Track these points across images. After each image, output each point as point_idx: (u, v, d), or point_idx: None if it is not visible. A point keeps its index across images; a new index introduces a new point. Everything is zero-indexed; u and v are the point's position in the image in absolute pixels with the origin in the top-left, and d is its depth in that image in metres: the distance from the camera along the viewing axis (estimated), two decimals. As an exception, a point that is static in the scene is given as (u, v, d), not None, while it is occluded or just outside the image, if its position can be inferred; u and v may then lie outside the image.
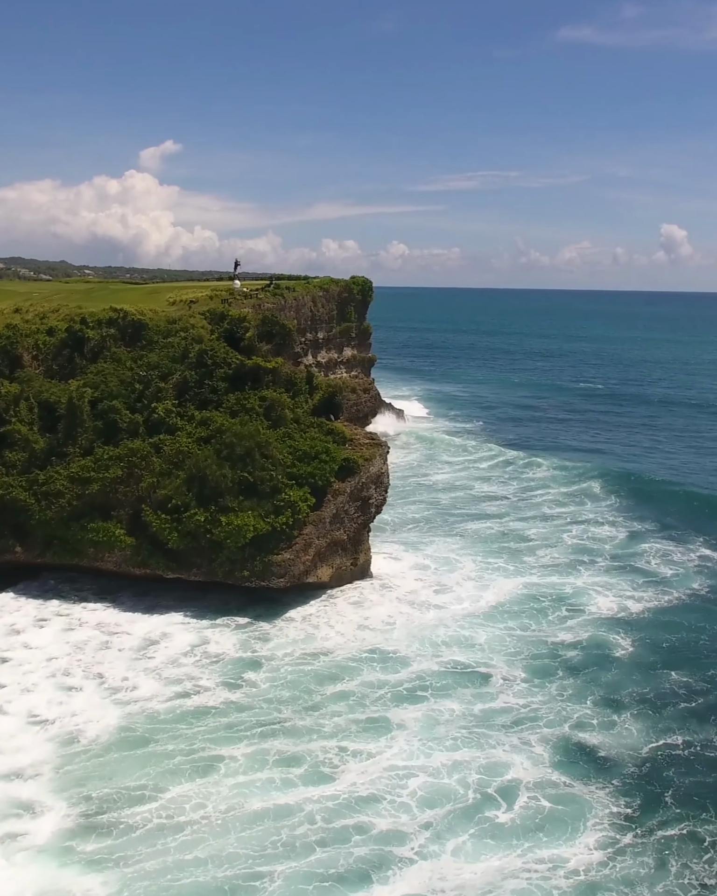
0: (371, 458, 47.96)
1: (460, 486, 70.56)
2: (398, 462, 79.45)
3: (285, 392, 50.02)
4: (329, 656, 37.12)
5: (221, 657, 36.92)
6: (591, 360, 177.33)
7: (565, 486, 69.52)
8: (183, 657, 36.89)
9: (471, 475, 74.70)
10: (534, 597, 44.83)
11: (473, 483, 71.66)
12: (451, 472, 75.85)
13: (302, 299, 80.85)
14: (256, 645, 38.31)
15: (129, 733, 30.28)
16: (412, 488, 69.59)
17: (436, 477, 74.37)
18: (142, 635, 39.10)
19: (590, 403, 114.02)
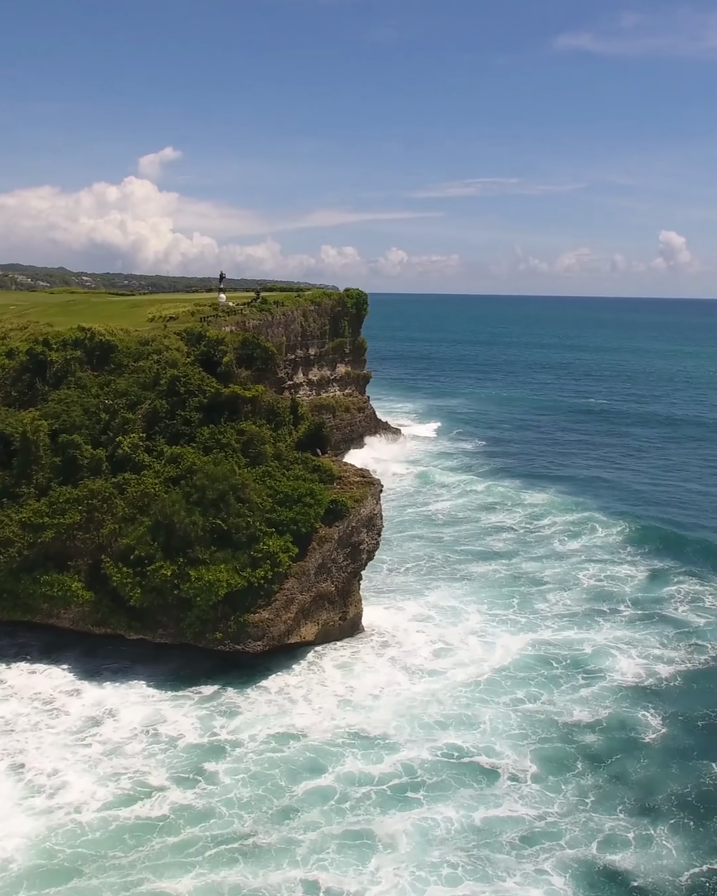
0: (362, 498, 42.78)
1: (462, 517, 65.33)
2: (394, 488, 74.32)
3: (267, 423, 44.89)
4: (304, 740, 31.68)
5: (176, 742, 31.45)
6: (593, 372, 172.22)
7: (571, 516, 64.44)
8: (130, 742, 31.34)
9: (472, 503, 69.47)
10: (546, 659, 39.56)
11: (476, 514, 66.41)
12: (450, 500, 70.60)
13: (291, 314, 75.77)
14: (220, 723, 32.88)
15: (46, 860, 24.25)
16: (410, 520, 64.36)
17: (435, 506, 69.11)
18: (84, 712, 33.48)
19: (594, 423, 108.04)
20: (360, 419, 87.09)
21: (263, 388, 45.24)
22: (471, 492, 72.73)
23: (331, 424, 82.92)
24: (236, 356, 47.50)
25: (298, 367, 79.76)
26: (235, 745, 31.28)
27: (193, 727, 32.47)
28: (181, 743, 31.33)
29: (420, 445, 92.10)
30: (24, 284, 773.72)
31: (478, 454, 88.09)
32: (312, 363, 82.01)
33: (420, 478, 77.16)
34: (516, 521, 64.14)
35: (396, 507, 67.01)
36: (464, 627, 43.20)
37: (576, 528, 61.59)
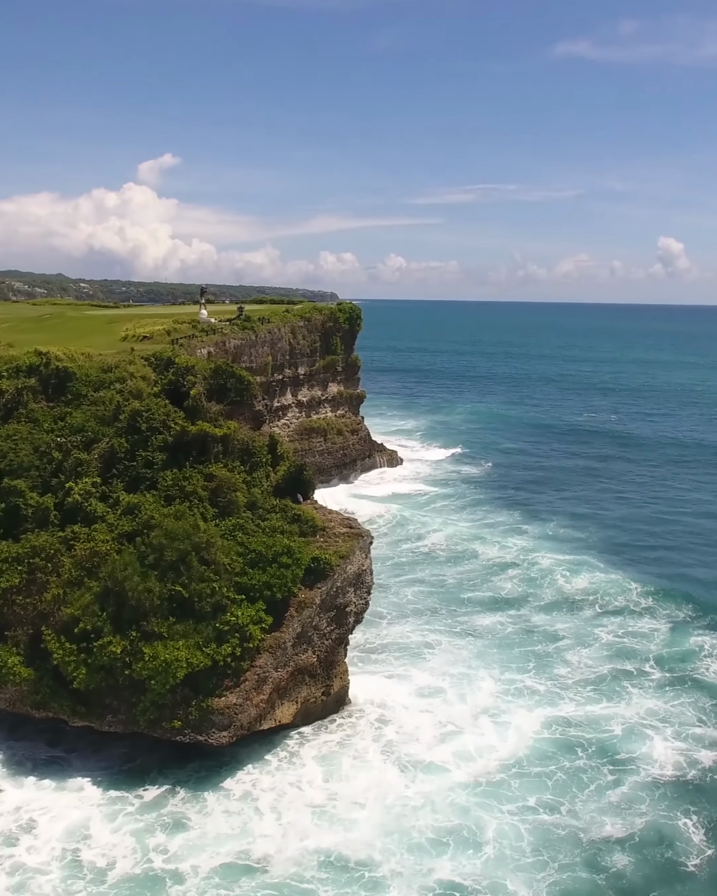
0: (349, 553, 37.10)
1: (460, 553, 59.50)
2: (388, 518, 68.65)
3: (241, 464, 39.22)
4: (261, 877, 25.51)
5: (104, 873, 25.41)
6: (596, 385, 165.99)
7: (573, 557, 58.60)
8: (46, 870, 25.37)
9: (471, 537, 63.56)
10: (568, 745, 33.86)
11: (475, 550, 60.58)
12: (447, 534, 64.68)
13: (278, 332, 70.27)
14: (160, 842, 26.92)
15: None
16: (408, 559, 58.63)
17: (431, 539, 63.23)
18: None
19: (599, 445, 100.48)
20: (353, 442, 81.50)
21: (236, 424, 39.56)
22: (469, 524, 67.02)
23: (321, 448, 77.54)
24: (208, 387, 41.88)
25: (287, 388, 74.29)
26: (175, 877, 25.40)
27: (127, 848, 26.63)
28: (110, 875, 25.47)
29: (418, 469, 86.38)
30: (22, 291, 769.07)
31: (477, 481, 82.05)
32: (301, 383, 76.53)
33: (415, 508, 71.45)
34: (519, 560, 58.27)
35: (389, 543, 61.39)
36: (474, 702, 37.45)
37: (579, 569, 55.90)
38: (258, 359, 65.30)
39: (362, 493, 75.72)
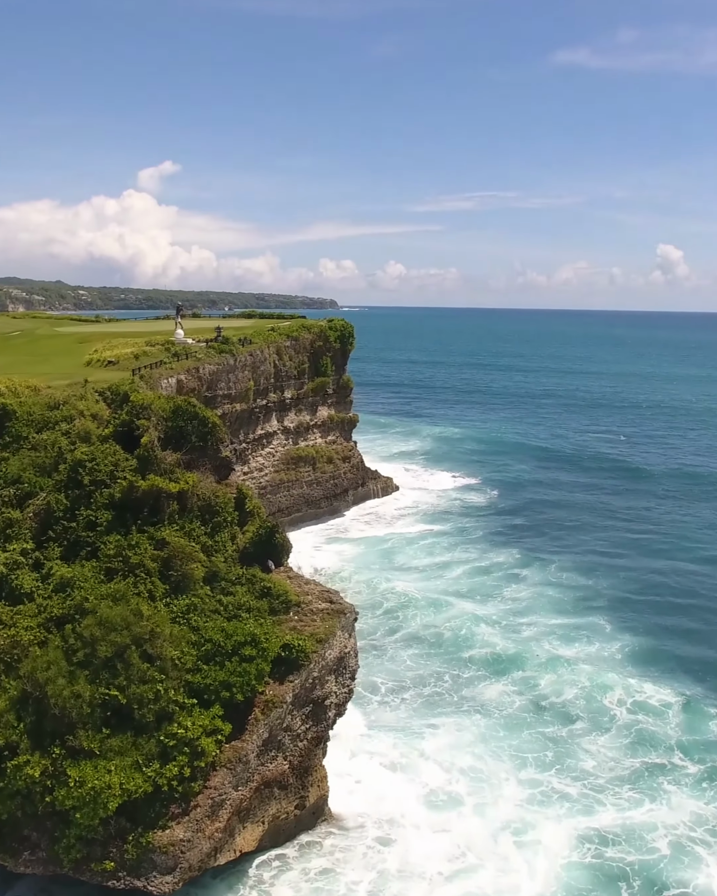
0: (328, 635, 30.93)
1: (453, 605, 52.50)
2: (386, 560, 62.60)
3: (202, 525, 33.07)
4: None
5: None
6: (602, 402, 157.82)
7: (573, 615, 52.56)
8: None
9: (468, 585, 57.28)
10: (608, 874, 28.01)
11: (471, 599, 54.48)
12: (444, 579, 58.50)
13: (261, 353, 64.14)
14: None
15: None
16: (402, 613, 52.40)
17: (428, 584, 57.08)
18: None
19: (607, 473, 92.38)
20: (345, 470, 75.34)
21: (195, 477, 33.37)
22: (465, 569, 60.55)
23: (310, 478, 71.45)
24: (165, 430, 35.70)
25: (272, 414, 68.14)
26: None
27: None
28: None
29: (417, 498, 79.92)
30: (19, 299, 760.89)
31: (478, 513, 75.47)
32: (287, 408, 70.38)
33: (409, 548, 65.05)
34: (514, 621, 52.05)
35: (383, 594, 55.16)
36: (495, 816, 31.37)
37: (578, 634, 49.68)
38: (238, 384, 59.19)
39: (346, 534, 69.17)
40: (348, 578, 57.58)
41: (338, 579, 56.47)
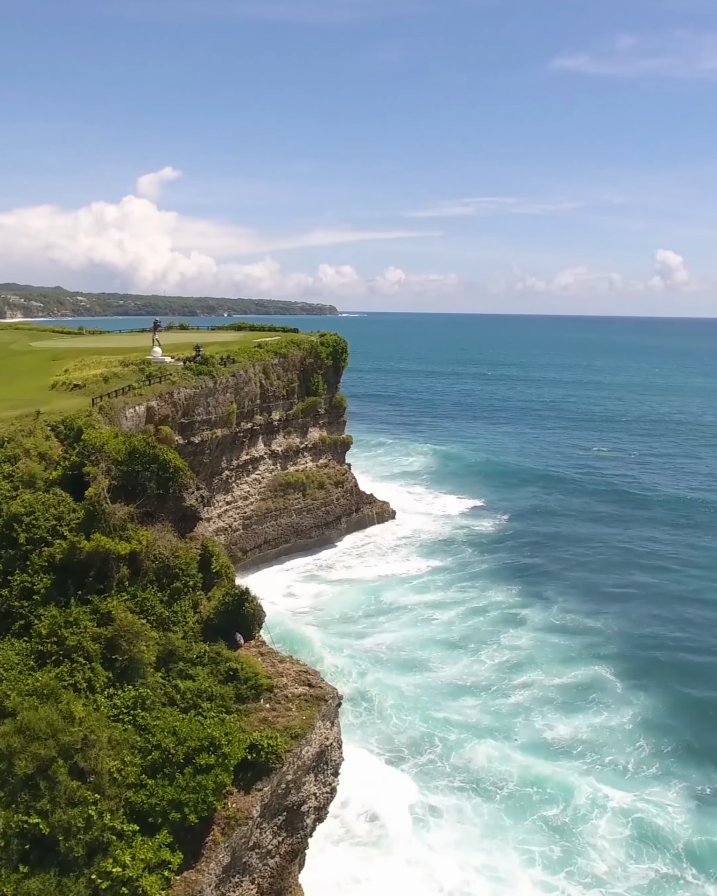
0: (306, 729, 25.87)
1: (437, 679, 46.24)
2: (371, 601, 57.34)
3: (158, 591, 28.06)
4: None
5: None
6: (605, 413, 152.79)
7: (580, 667, 47.56)
8: None
9: (468, 632, 52.17)
10: None
11: (469, 651, 49.48)
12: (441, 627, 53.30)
13: (245, 374, 59.16)
14: None
15: None
16: (396, 660, 47.40)
17: (409, 636, 51.50)
18: None
19: (617, 497, 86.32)
20: (338, 496, 70.32)
21: (150, 535, 28.35)
22: (460, 611, 55.45)
23: (300, 506, 66.42)
24: (120, 476, 30.66)
25: (258, 438, 63.19)
26: None
27: None
28: None
29: (417, 526, 74.65)
30: (17, 305, 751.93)
31: (479, 544, 70.19)
32: (275, 430, 65.43)
33: (399, 588, 59.63)
34: (506, 669, 47.20)
35: (374, 647, 50.01)
36: None
37: (582, 691, 44.86)
38: (218, 408, 54.22)
39: (329, 571, 63.53)
40: (316, 625, 52.48)
41: (296, 630, 51.17)
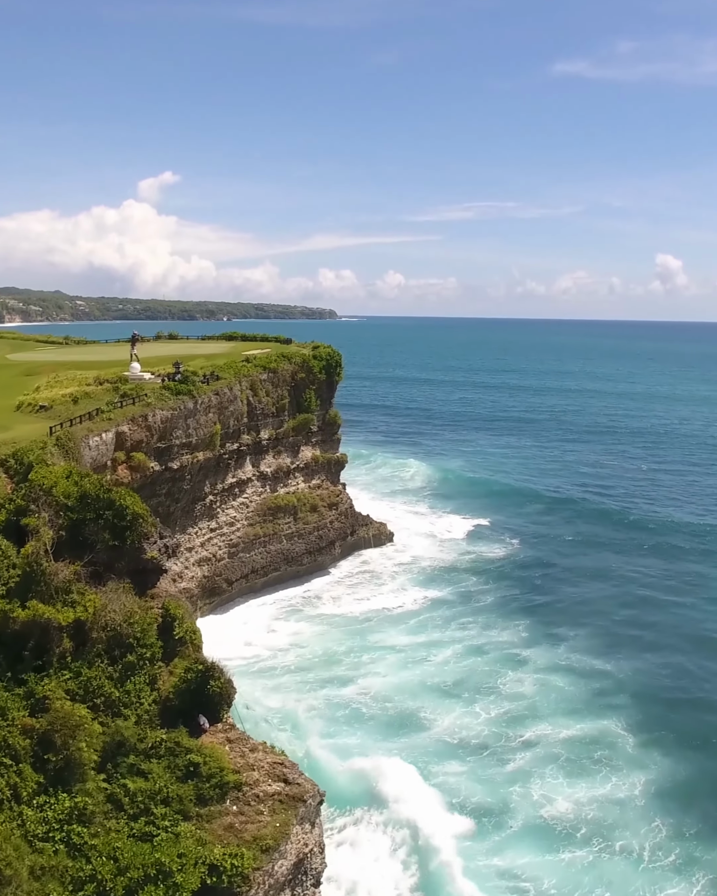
0: (280, 839, 21.56)
1: (418, 743, 40.58)
2: (357, 640, 52.50)
3: (109, 665, 23.77)
4: None
5: None
6: (610, 424, 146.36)
7: (587, 719, 42.67)
8: None
9: (463, 675, 46.96)
10: None
11: (463, 700, 44.57)
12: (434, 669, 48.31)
13: (230, 392, 54.87)
14: None
15: None
16: (381, 715, 42.90)
17: (397, 681, 46.72)
18: None
19: (629, 518, 79.85)
20: (332, 519, 65.99)
21: (98, 600, 24.06)
22: (456, 650, 50.48)
23: (290, 531, 62.12)
24: (69, 524, 26.34)
25: (245, 459, 58.90)
26: None
27: None
28: None
29: (416, 550, 69.86)
30: (16, 309, 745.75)
31: (483, 572, 65.06)
32: (264, 450, 61.15)
33: (390, 627, 54.34)
34: (504, 722, 42.56)
35: (357, 696, 45.13)
36: None
37: (589, 749, 40.01)
38: (200, 430, 49.96)
39: (316, 605, 58.16)
40: (292, 667, 47.96)
41: (274, 673, 46.99)
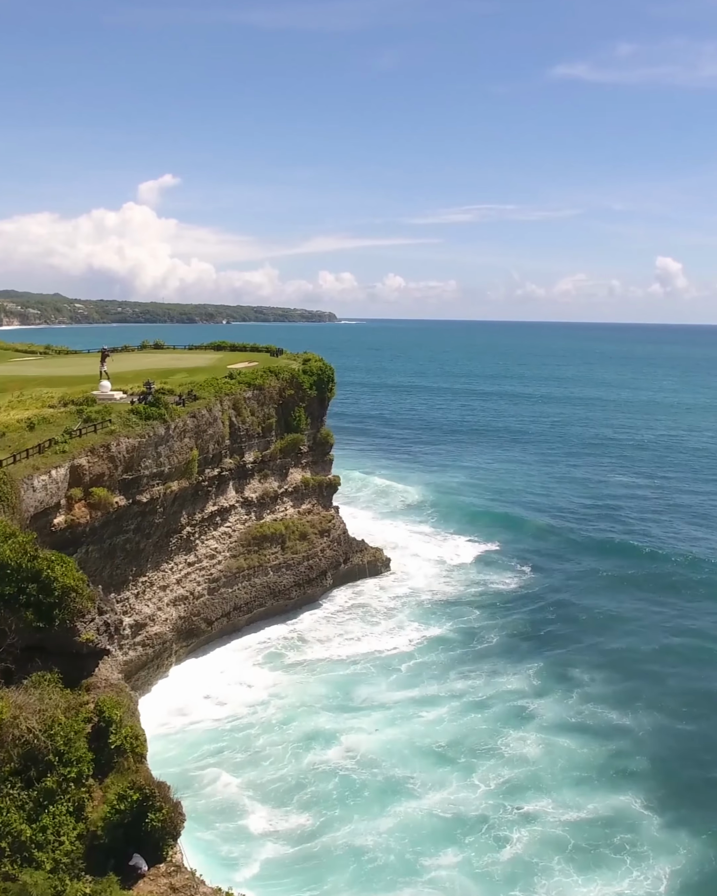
0: None
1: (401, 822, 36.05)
2: (338, 696, 47.38)
3: (23, 789, 18.76)
4: None
5: None
6: (618, 437, 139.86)
7: (600, 796, 36.84)
8: None
9: (459, 735, 41.48)
10: None
11: (457, 767, 39.30)
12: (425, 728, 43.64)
13: (208, 413, 49.85)
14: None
15: None
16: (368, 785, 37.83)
17: (380, 745, 41.95)
18: None
19: (652, 555, 70.79)
20: (323, 547, 60.95)
21: (9, 703, 19.05)
22: (454, 707, 44.70)
23: (278, 562, 57.16)
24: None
25: (227, 485, 53.93)
26: None
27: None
28: None
29: (416, 580, 64.14)
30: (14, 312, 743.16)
31: (490, 605, 59.57)
32: (248, 474, 56.15)
33: (381, 677, 48.60)
34: (501, 793, 37.30)
35: (342, 761, 40.17)
36: None
37: (603, 834, 34.32)
38: (174, 457, 44.98)
39: (301, 649, 52.27)
40: (255, 729, 42.38)
41: (249, 736, 41.62)
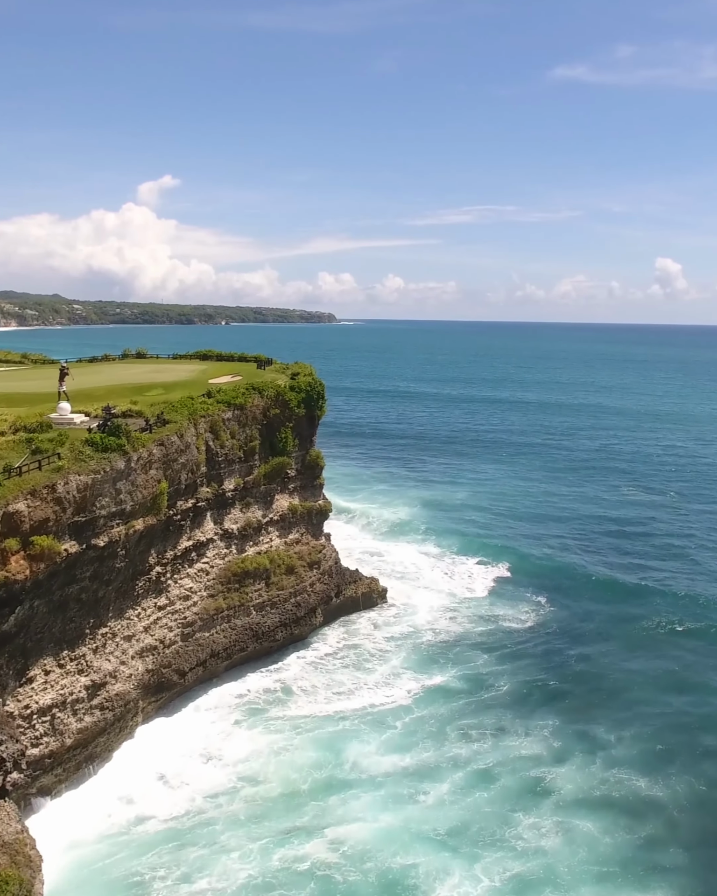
0: None
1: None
2: (345, 761, 42.03)
3: None
4: None
5: None
6: (626, 450, 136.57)
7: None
8: None
9: (460, 822, 35.48)
10: None
11: (459, 857, 33.78)
12: (422, 814, 38.32)
13: (179, 440, 44.06)
14: None
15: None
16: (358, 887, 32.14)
17: (367, 837, 36.98)
18: None
19: (676, 596, 61.62)
20: (313, 581, 55.21)
21: None
22: (455, 782, 37.76)
23: (261, 600, 51.51)
24: None
25: (204, 516, 48.25)
26: None
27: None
28: None
29: (417, 616, 57.94)
30: (12, 314, 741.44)
31: (501, 645, 53.30)
32: (228, 504, 50.44)
33: (369, 738, 42.06)
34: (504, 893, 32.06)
35: (327, 859, 34.63)
36: None
37: None
38: (137, 492, 39.22)
39: (282, 706, 44.99)
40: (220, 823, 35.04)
41: (214, 829, 34.29)
